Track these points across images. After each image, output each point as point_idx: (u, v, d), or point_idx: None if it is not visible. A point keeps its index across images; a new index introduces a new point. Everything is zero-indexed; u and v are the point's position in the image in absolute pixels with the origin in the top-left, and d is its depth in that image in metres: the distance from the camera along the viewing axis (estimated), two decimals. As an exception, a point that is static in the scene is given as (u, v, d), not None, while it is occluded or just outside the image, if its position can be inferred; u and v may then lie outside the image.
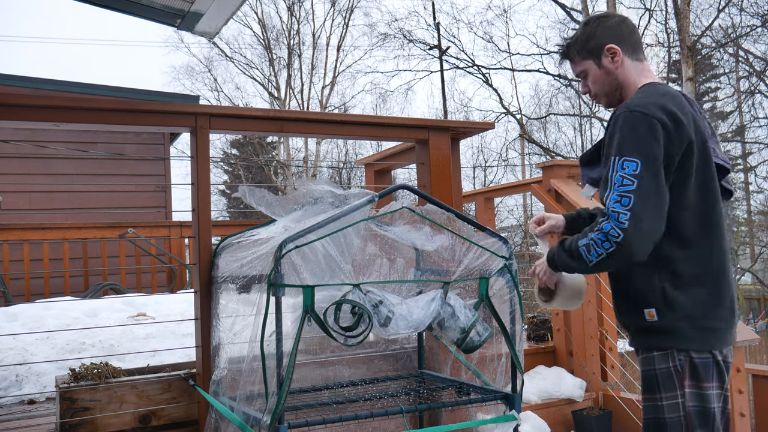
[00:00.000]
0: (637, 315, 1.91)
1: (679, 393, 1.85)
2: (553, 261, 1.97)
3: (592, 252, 1.78)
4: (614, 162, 1.78)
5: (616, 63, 1.99)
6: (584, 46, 2.02)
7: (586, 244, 1.80)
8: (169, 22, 4.51)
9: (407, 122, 3.23)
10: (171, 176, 9.01)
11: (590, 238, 1.79)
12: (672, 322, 1.85)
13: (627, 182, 1.74)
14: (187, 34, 20.55)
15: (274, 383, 1.98)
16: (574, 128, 24.39)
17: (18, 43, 50.69)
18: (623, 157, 1.77)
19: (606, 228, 1.73)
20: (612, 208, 1.73)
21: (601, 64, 2.00)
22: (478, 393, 2.46)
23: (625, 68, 2.00)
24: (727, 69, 19.86)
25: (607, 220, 1.74)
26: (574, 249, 1.84)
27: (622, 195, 1.73)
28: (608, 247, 1.74)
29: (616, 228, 1.72)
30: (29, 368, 3.40)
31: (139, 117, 2.69)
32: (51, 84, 8.22)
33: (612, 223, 1.72)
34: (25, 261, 6.29)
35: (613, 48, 1.99)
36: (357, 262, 2.40)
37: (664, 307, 1.86)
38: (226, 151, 25.87)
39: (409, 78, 45.33)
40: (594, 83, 2.03)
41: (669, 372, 1.86)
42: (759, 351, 9.59)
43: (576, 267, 1.88)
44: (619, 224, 1.71)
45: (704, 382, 1.84)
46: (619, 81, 2.00)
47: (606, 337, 4.08)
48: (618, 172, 1.76)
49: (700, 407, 1.84)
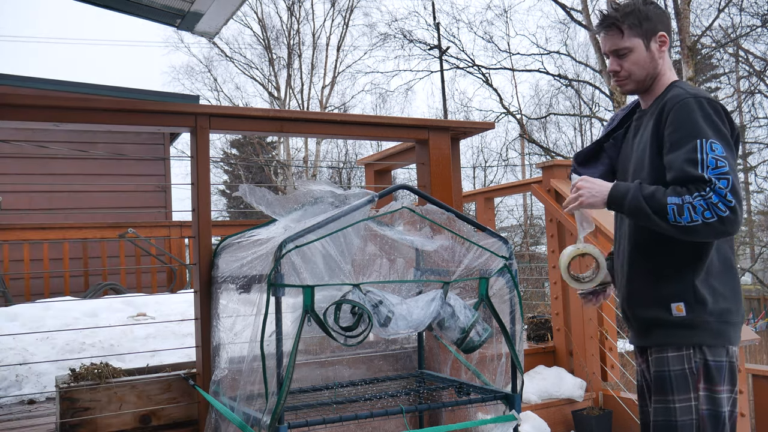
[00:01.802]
0: (663, 309, 1.88)
1: (693, 396, 1.83)
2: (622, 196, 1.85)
3: (685, 215, 1.73)
4: (701, 144, 1.76)
5: (661, 52, 1.98)
6: (640, 24, 1.95)
7: (677, 204, 1.74)
8: (169, 22, 4.51)
9: (407, 122, 3.23)
10: (171, 176, 9.01)
11: (686, 201, 1.73)
12: (700, 316, 1.84)
13: (721, 164, 1.74)
14: (187, 34, 20.55)
15: (274, 383, 1.98)
16: (574, 128, 24.41)
17: (18, 43, 50.71)
18: (710, 139, 1.77)
19: (715, 199, 1.71)
20: (718, 185, 1.72)
21: (649, 47, 1.96)
22: (478, 393, 2.46)
23: (664, 59, 1.99)
24: (727, 69, 19.86)
25: (713, 193, 1.71)
26: (660, 202, 1.77)
27: (720, 177, 1.73)
28: (709, 217, 1.71)
29: (724, 203, 1.71)
30: (29, 368, 3.40)
31: (139, 117, 2.69)
32: (51, 84, 8.22)
33: (720, 198, 1.71)
34: (25, 261, 6.29)
35: (664, 36, 1.98)
36: (357, 262, 2.40)
37: (694, 302, 1.85)
38: (226, 151, 25.88)
39: (409, 78, 45.34)
40: (634, 64, 1.97)
41: (684, 374, 1.84)
42: (759, 351, 9.59)
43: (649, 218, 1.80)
44: (727, 201, 1.71)
45: (717, 386, 1.83)
46: (657, 70, 1.98)
47: (606, 337, 4.08)
48: (709, 153, 1.75)
49: (713, 411, 1.82)
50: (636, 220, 1.88)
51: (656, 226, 1.80)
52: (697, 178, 1.75)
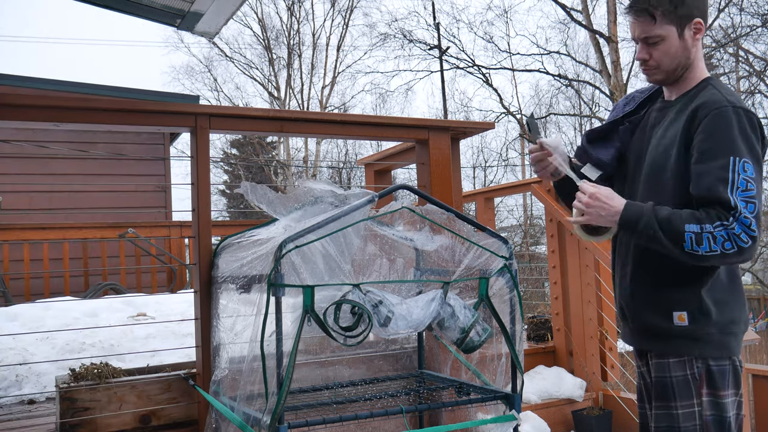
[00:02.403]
0: (664, 316, 1.82)
1: (695, 402, 1.78)
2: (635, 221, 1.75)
3: (704, 244, 1.65)
4: (734, 162, 1.68)
5: (696, 40, 1.83)
6: (674, 9, 1.79)
7: (696, 233, 1.66)
8: (169, 22, 4.51)
9: (407, 122, 3.23)
10: (171, 176, 9.01)
11: (707, 230, 1.66)
12: (703, 328, 1.78)
13: (751, 187, 1.68)
14: (187, 34, 20.55)
15: (274, 383, 1.98)
16: (574, 128, 24.38)
17: (18, 43, 50.72)
18: (743, 158, 1.69)
19: (737, 230, 1.64)
20: (743, 214, 1.65)
21: (683, 35, 1.82)
22: (478, 393, 2.46)
23: (698, 48, 1.85)
24: (727, 69, 19.85)
25: (738, 223, 1.65)
26: (677, 230, 1.68)
27: (748, 201, 1.67)
28: (729, 248, 1.65)
29: (747, 234, 1.65)
30: (29, 368, 3.40)
31: (139, 117, 2.69)
32: (51, 84, 8.23)
33: (743, 228, 1.65)
34: (25, 261, 6.29)
35: (700, 23, 1.83)
36: (357, 262, 2.40)
37: (697, 312, 1.78)
38: (226, 151, 25.88)
39: (409, 78, 45.30)
40: (665, 54, 1.83)
41: (686, 380, 1.79)
42: (759, 351, 9.60)
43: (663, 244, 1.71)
44: (750, 232, 1.65)
45: (721, 390, 1.78)
46: (690, 60, 1.85)
47: (606, 337, 4.08)
48: (741, 174, 1.68)
49: (717, 416, 1.78)
50: (646, 244, 1.79)
51: (667, 251, 1.72)
52: (723, 202, 1.67)
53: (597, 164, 2.04)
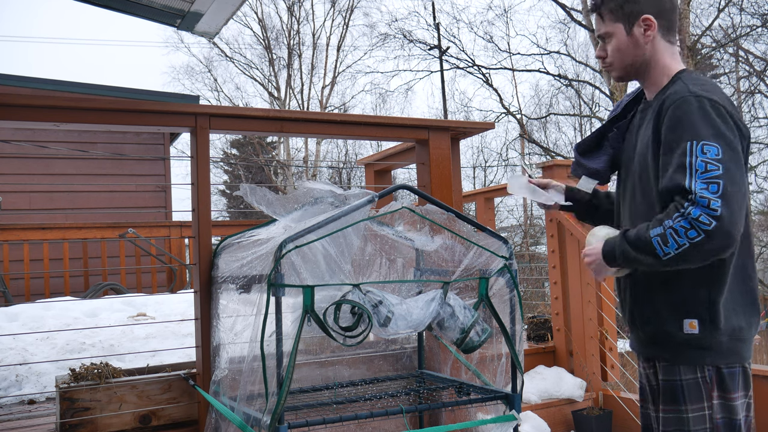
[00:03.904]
0: (674, 325, 1.75)
1: (706, 405, 1.75)
2: (612, 254, 1.74)
3: (670, 243, 1.58)
4: (691, 146, 1.61)
5: (647, 37, 1.83)
6: (621, 6, 1.82)
7: (660, 234, 1.60)
8: (169, 22, 4.51)
9: (407, 122, 3.23)
10: (171, 176, 9.01)
11: (668, 227, 1.59)
12: (713, 335, 1.72)
13: (712, 167, 1.58)
14: (187, 34, 20.55)
15: (274, 383, 1.98)
16: (574, 128, 24.38)
17: (18, 43, 50.74)
18: (702, 141, 1.61)
19: (695, 213, 1.55)
20: (700, 194, 1.55)
21: (631, 32, 1.83)
22: (478, 393, 2.46)
23: (655, 45, 1.84)
24: (727, 69, 19.84)
25: (694, 206, 1.56)
26: (644, 240, 1.63)
27: (709, 181, 1.56)
28: (694, 237, 1.55)
29: (708, 215, 1.54)
30: (29, 368, 3.40)
31: (139, 117, 2.69)
32: (51, 84, 8.23)
33: (702, 210, 1.54)
34: (25, 261, 6.29)
35: (649, 19, 1.82)
36: (357, 262, 2.40)
37: (707, 320, 1.72)
38: (226, 151, 25.88)
39: (409, 78, 45.29)
40: (615, 50, 1.86)
41: (696, 383, 1.75)
42: (759, 351, 9.59)
43: (644, 261, 1.66)
44: (711, 211, 1.54)
45: (731, 393, 1.75)
46: (646, 57, 1.84)
47: (606, 337, 4.08)
48: (698, 156, 1.59)
49: (728, 419, 1.75)
50: (635, 268, 1.77)
51: (652, 266, 1.68)
52: (680, 189, 1.60)
53: (592, 174, 2.05)
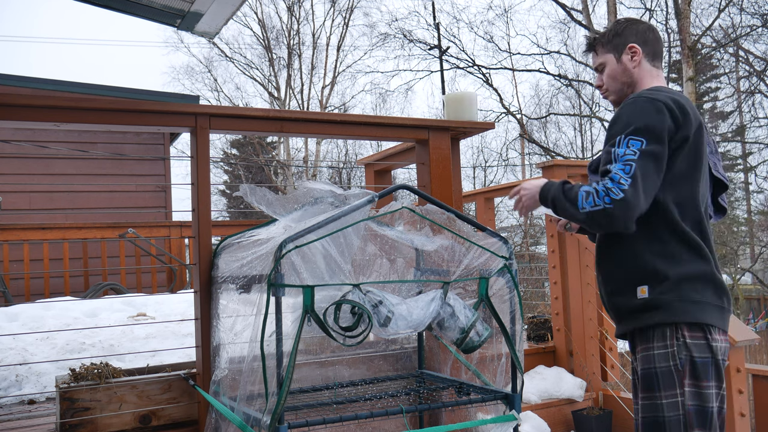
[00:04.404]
0: (630, 294, 1.95)
1: (678, 392, 1.86)
2: (547, 193, 2.00)
3: (589, 199, 1.84)
4: (620, 139, 1.87)
5: (634, 62, 2.09)
6: (610, 41, 2.12)
7: (586, 191, 1.85)
8: (169, 22, 4.51)
9: (407, 122, 3.23)
10: (171, 176, 9.01)
11: (593, 188, 1.84)
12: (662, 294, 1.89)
13: (629, 154, 1.84)
14: (187, 34, 20.54)
15: (274, 383, 1.98)
16: (574, 128, 24.41)
17: (18, 43, 50.71)
18: (629, 135, 1.86)
19: (609, 185, 1.81)
20: (615, 172, 1.82)
21: (620, 59, 2.10)
22: (478, 393, 2.46)
23: (641, 69, 2.09)
24: (727, 69, 19.86)
25: (609, 180, 1.82)
26: (573, 192, 1.89)
27: (626, 164, 1.83)
28: (608, 202, 1.80)
29: (617, 188, 1.80)
30: (29, 368, 3.40)
31: (139, 117, 2.69)
32: (51, 84, 8.22)
33: (614, 184, 1.81)
34: (25, 261, 6.29)
35: (634, 47, 2.09)
36: (357, 262, 2.40)
37: (655, 283, 1.91)
38: (226, 151, 25.88)
39: (409, 78, 45.29)
40: (609, 77, 2.13)
41: (669, 370, 1.87)
42: (759, 351, 9.59)
43: (566, 209, 1.92)
44: (620, 186, 1.80)
45: (703, 381, 1.86)
46: (633, 79, 2.09)
47: (606, 337, 4.08)
48: (622, 147, 1.85)
49: (699, 406, 1.86)
50: (558, 212, 1.98)
51: (571, 216, 1.91)
52: (604, 172, 1.86)
53: None
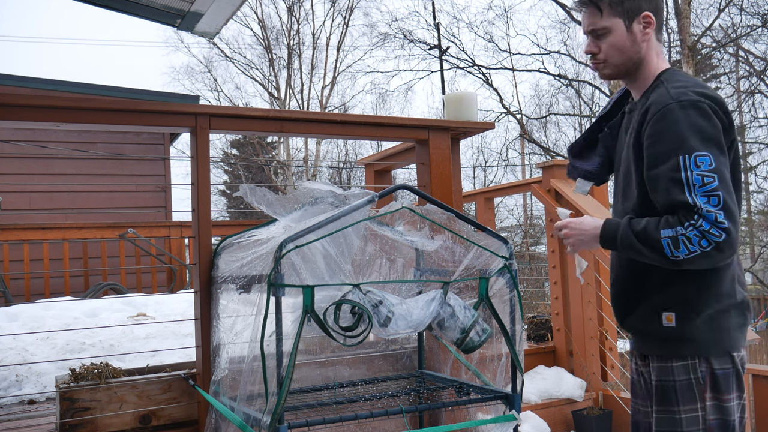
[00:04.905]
0: (653, 320, 1.81)
1: (699, 406, 1.76)
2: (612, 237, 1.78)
3: (681, 248, 1.63)
4: (684, 161, 1.65)
5: (645, 34, 1.81)
6: (621, 2, 1.79)
7: (672, 237, 1.64)
8: (169, 22, 4.51)
9: (407, 122, 3.23)
10: (171, 176, 9.01)
11: (680, 233, 1.63)
12: (692, 327, 1.76)
13: (708, 179, 1.63)
14: (187, 35, 20.55)
15: (274, 383, 1.98)
16: (574, 128, 24.38)
17: (17, 43, 50.72)
18: (694, 152, 1.65)
19: (706, 227, 1.61)
20: (705, 209, 1.61)
21: (631, 28, 1.80)
22: (478, 393, 2.46)
23: (650, 44, 1.83)
24: (727, 69, 19.84)
25: (702, 219, 1.61)
26: (653, 238, 1.67)
27: (709, 194, 1.62)
28: (706, 246, 1.61)
29: (717, 227, 1.61)
30: (29, 368, 3.40)
31: (139, 117, 2.69)
32: (51, 84, 8.22)
33: (711, 224, 1.61)
34: (25, 261, 6.29)
35: (649, 17, 1.81)
36: (357, 262, 2.40)
37: (683, 311, 1.77)
38: (226, 151, 25.88)
39: (409, 78, 45.23)
40: (612, 46, 1.82)
41: (690, 384, 1.77)
42: (759, 351, 9.60)
43: (647, 255, 1.71)
44: (719, 224, 1.61)
45: (725, 394, 1.76)
46: (641, 55, 1.83)
47: (606, 337, 4.08)
48: (693, 171, 1.64)
49: (721, 420, 1.76)
50: (632, 256, 1.79)
51: (654, 261, 1.72)
52: (684, 205, 1.64)
53: (585, 176, 2.08)
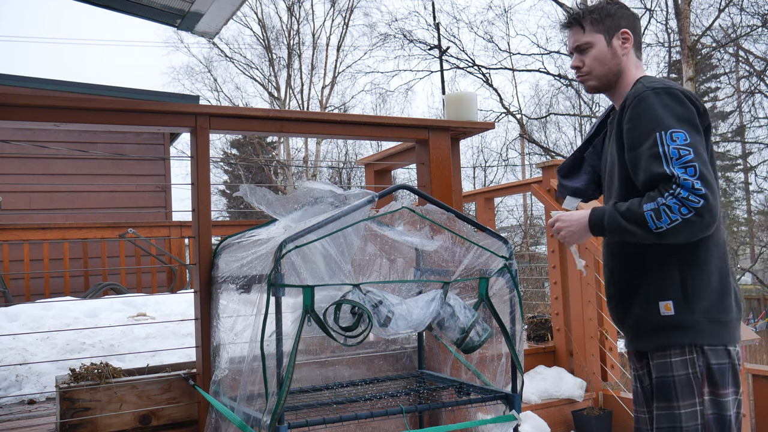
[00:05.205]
0: (651, 309, 1.85)
1: (697, 401, 1.80)
2: (600, 222, 1.85)
3: (663, 218, 1.68)
4: (661, 136, 1.73)
5: (624, 49, 1.98)
6: (601, 20, 1.98)
7: (654, 209, 1.70)
8: (169, 22, 4.51)
9: (407, 122, 3.23)
10: (171, 176, 9.01)
11: (661, 203, 1.69)
12: (691, 315, 1.80)
13: (684, 152, 1.70)
14: (187, 34, 20.55)
15: (274, 383, 1.98)
16: (574, 128, 24.37)
17: (18, 42, 50.71)
18: (669, 129, 1.73)
19: (684, 194, 1.66)
20: (683, 177, 1.67)
21: (611, 43, 1.97)
22: (478, 393, 2.46)
23: (629, 58, 1.99)
24: (727, 69, 19.84)
25: (680, 188, 1.67)
26: (637, 213, 1.73)
27: (686, 165, 1.69)
28: (687, 213, 1.66)
29: (695, 194, 1.66)
30: (29, 368, 3.40)
31: (139, 117, 2.69)
32: (51, 84, 8.22)
33: (689, 190, 1.66)
34: (25, 261, 6.29)
35: (627, 33, 1.98)
36: (357, 262, 2.40)
37: (682, 300, 1.81)
38: (226, 151, 25.87)
39: (409, 78, 45.27)
40: (595, 59, 1.99)
41: (688, 379, 1.81)
42: (759, 351, 9.60)
43: (634, 232, 1.76)
44: (696, 191, 1.66)
45: (721, 389, 1.80)
46: (621, 67, 1.98)
47: (606, 337, 4.08)
48: (670, 145, 1.71)
49: (718, 415, 1.80)
50: (621, 237, 1.84)
51: (641, 238, 1.77)
52: (662, 176, 1.71)
53: (574, 193, 2.20)
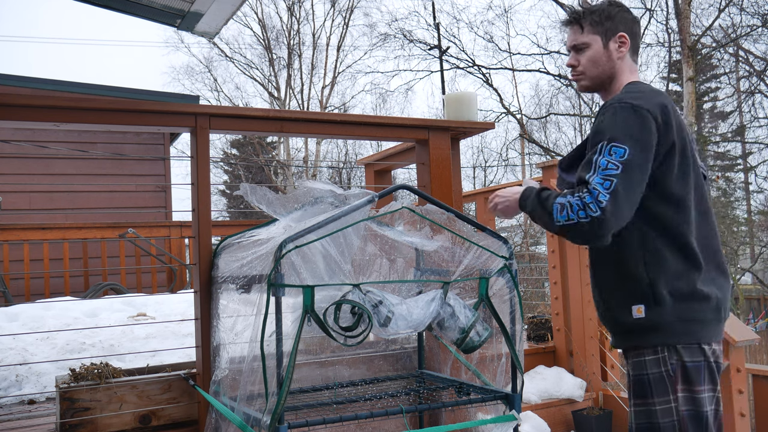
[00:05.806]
0: (625, 311, 1.90)
1: (672, 398, 1.85)
2: (525, 200, 1.97)
3: (563, 213, 1.78)
4: (602, 146, 1.80)
5: (620, 52, 2.01)
6: (601, 22, 2.02)
7: (561, 203, 1.80)
8: (169, 22, 4.51)
9: (407, 122, 3.23)
10: (171, 176, 9.01)
11: (567, 200, 1.79)
12: (660, 316, 1.85)
13: (612, 167, 1.76)
14: (187, 34, 20.55)
15: (274, 383, 1.98)
16: (574, 128, 24.38)
17: (18, 42, 50.72)
18: (612, 142, 1.79)
19: (588, 200, 1.75)
20: (594, 186, 1.75)
21: (607, 45, 2.01)
22: (478, 393, 2.46)
23: (624, 62, 2.02)
24: (727, 69, 19.85)
25: (588, 194, 1.76)
26: (549, 202, 1.84)
27: (606, 178, 1.76)
28: (583, 217, 1.75)
29: (595, 204, 1.73)
30: (29, 368, 3.40)
31: (139, 117, 2.69)
32: (51, 84, 8.22)
33: (592, 199, 1.74)
34: (25, 261, 6.29)
35: (624, 37, 2.01)
36: (357, 262, 2.40)
37: (653, 302, 1.86)
38: (226, 151, 25.87)
39: (409, 78, 45.25)
40: (590, 60, 2.03)
41: (661, 376, 1.86)
42: (759, 351, 9.60)
43: (541, 219, 1.88)
44: (598, 203, 1.73)
45: (697, 386, 1.84)
46: (614, 71, 2.02)
47: (606, 337, 4.08)
48: (604, 156, 1.78)
49: (694, 411, 1.84)
50: (534, 220, 1.94)
51: (547, 226, 1.87)
52: (582, 181, 1.80)
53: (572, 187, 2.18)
